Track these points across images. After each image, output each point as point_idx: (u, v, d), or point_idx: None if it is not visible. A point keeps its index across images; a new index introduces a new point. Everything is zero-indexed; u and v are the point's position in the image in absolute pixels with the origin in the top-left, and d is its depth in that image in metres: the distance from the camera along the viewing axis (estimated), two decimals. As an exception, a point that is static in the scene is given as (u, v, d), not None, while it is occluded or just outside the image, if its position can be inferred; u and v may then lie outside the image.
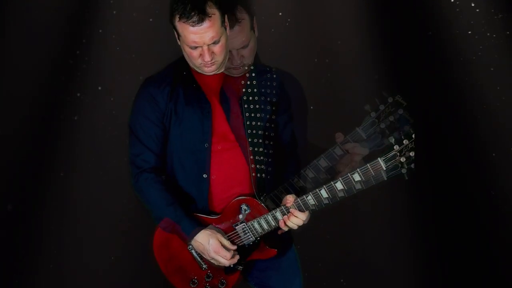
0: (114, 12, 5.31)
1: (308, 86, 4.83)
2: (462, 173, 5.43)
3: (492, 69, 5.33)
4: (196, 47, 3.89)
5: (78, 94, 5.38)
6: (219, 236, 3.97)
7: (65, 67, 5.33)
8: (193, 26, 3.84)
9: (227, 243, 3.97)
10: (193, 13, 3.82)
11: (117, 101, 5.32)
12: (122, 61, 5.35)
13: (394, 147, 3.93)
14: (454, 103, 5.38)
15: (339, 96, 5.48)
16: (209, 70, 3.98)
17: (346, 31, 5.40)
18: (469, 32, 5.30)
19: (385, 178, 4.03)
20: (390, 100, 4.07)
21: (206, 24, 3.84)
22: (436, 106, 5.37)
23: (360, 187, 4.12)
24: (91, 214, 5.44)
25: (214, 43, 3.89)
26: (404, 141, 3.93)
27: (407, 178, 4.05)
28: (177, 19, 3.88)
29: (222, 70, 4.05)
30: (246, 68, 4.16)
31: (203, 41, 3.87)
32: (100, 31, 5.32)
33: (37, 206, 5.41)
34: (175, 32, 3.97)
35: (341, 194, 4.03)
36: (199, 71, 4.03)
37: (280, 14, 5.39)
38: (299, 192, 4.00)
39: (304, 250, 4.35)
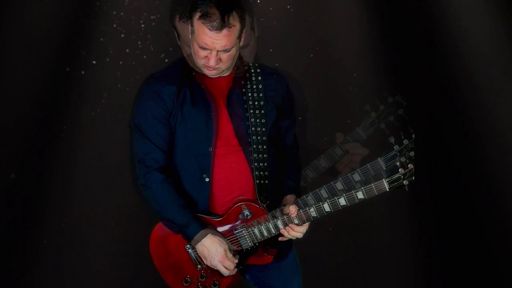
0: (115, 12, 5.20)
1: (307, 86, 4.86)
2: (462, 172, 5.46)
3: (493, 70, 5.34)
4: (205, 49, 3.85)
5: (82, 91, 5.30)
6: (227, 248, 3.96)
7: (65, 65, 5.20)
8: (210, 30, 3.80)
9: (231, 256, 3.97)
10: (214, 18, 3.77)
11: (117, 101, 5.22)
12: (123, 59, 5.24)
13: (394, 147, 3.97)
14: (454, 103, 5.38)
15: (338, 96, 5.48)
16: (210, 73, 3.95)
17: (346, 30, 5.36)
18: (470, 34, 5.32)
19: (387, 188, 4.10)
20: (390, 100, 4.08)
21: (224, 32, 3.80)
22: (437, 105, 5.37)
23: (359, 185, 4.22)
24: (92, 213, 5.38)
25: (225, 51, 3.85)
26: (404, 141, 3.97)
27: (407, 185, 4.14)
28: (196, 16, 3.82)
29: (228, 73, 4.02)
30: (240, 68, 4.11)
31: (213, 46, 3.83)
32: (101, 30, 5.21)
33: (37, 205, 5.33)
34: (190, 27, 3.88)
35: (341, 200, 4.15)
36: (199, 70, 3.98)
37: (280, 13, 5.37)
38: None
39: (303, 249, 4.36)
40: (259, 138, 4.01)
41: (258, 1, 5.27)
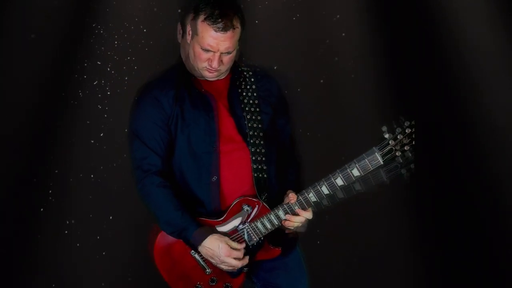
0: (115, 13, 5.28)
1: (307, 89, 4.87)
2: (462, 173, 5.43)
3: (493, 71, 5.39)
4: (208, 51, 3.92)
5: (80, 93, 5.31)
6: (227, 239, 3.93)
7: (64, 66, 5.25)
8: (216, 31, 3.89)
9: (235, 245, 3.93)
10: (220, 19, 3.87)
11: (116, 102, 5.26)
12: (122, 61, 5.30)
13: (390, 141, 3.97)
14: (454, 106, 5.40)
15: (338, 100, 5.53)
16: (211, 75, 4.01)
17: (347, 34, 5.44)
18: (470, 35, 5.35)
19: (385, 179, 4.10)
20: (408, 131, 4.08)
21: (228, 34, 3.90)
22: (437, 109, 5.40)
23: (359, 188, 4.22)
24: (92, 215, 5.37)
25: (227, 53, 3.94)
26: (398, 136, 3.97)
27: (406, 176, 4.12)
28: (201, 18, 3.91)
29: (226, 75, 4.09)
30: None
31: (218, 48, 3.92)
32: (101, 32, 5.29)
33: (38, 205, 5.33)
34: (189, 30, 3.96)
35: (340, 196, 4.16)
36: (198, 73, 4.03)
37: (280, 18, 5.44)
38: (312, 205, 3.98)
39: (307, 251, 4.33)
40: (255, 133, 4.04)
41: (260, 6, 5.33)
